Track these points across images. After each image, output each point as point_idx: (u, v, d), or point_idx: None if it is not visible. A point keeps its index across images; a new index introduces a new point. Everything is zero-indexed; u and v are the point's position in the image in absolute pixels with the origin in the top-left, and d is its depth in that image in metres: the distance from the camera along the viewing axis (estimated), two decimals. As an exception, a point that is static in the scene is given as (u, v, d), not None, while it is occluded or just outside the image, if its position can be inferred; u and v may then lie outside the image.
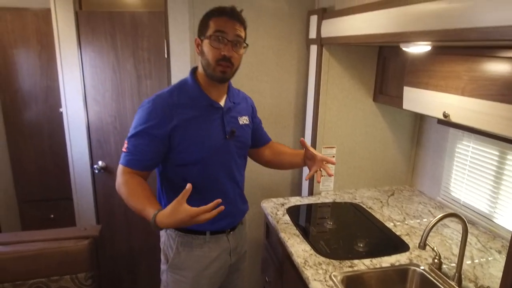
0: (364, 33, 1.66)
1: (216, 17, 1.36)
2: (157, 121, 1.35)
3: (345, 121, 2.26)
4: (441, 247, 1.69)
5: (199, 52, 1.41)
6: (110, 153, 2.56)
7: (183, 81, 1.48)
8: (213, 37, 1.34)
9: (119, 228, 2.69)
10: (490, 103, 1.36)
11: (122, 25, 2.34)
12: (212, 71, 1.37)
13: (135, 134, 1.38)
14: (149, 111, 1.37)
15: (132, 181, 1.34)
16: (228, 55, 1.34)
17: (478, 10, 1.06)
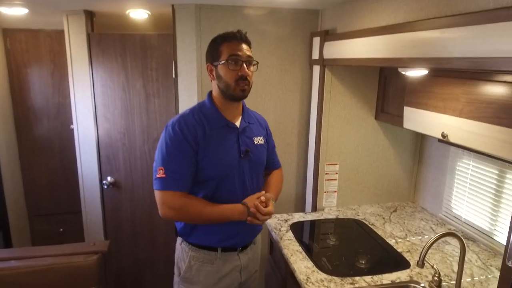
0: (364, 57, 1.73)
1: (228, 42, 1.46)
2: (187, 139, 1.43)
3: (347, 138, 2.31)
4: (441, 264, 1.72)
5: (214, 77, 1.50)
6: (119, 169, 2.64)
7: (202, 103, 1.57)
8: (229, 61, 1.44)
9: (126, 241, 2.75)
10: (487, 125, 1.41)
11: (132, 46, 2.43)
12: (232, 91, 1.46)
13: (171, 158, 1.43)
14: (178, 132, 1.44)
15: (195, 200, 1.47)
16: (245, 74, 1.45)
17: (469, 42, 1.12)
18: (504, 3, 1.02)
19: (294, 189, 2.62)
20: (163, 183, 1.43)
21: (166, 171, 1.42)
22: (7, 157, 2.88)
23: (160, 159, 1.45)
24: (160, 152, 1.47)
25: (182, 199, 1.44)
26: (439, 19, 1.26)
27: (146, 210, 2.69)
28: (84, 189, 2.73)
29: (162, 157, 1.45)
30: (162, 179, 1.43)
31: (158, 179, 1.44)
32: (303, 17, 2.34)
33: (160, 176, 1.43)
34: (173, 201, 1.43)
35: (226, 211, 1.48)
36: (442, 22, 1.24)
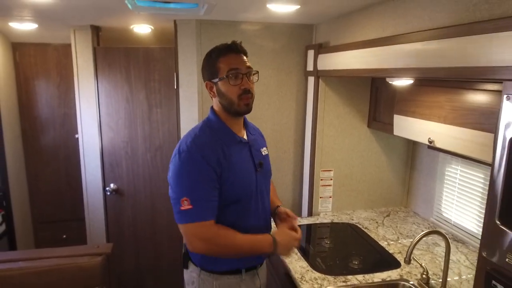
0: (355, 68, 1.85)
1: (224, 56, 1.37)
2: (209, 163, 1.30)
3: (341, 146, 2.41)
4: (431, 264, 1.80)
5: (215, 94, 1.41)
6: (122, 176, 2.73)
7: (208, 121, 1.45)
8: (230, 76, 1.35)
9: (128, 247, 2.82)
10: (469, 131, 1.52)
11: (136, 59, 2.56)
12: (237, 106, 1.37)
13: (195, 185, 1.30)
14: (196, 156, 1.30)
15: (225, 230, 1.34)
16: (248, 88, 1.37)
17: (446, 53, 1.23)
18: (476, 18, 1.13)
19: (291, 194, 2.71)
20: (191, 215, 1.29)
21: (192, 201, 1.28)
22: (13, 165, 2.97)
23: (181, 189, 1.31)
24: (179, 181, 1.32)
25: (213, 229, 1.32)
26: (421, 32, 1.37)
27: (148, 216, 2.78)
28: (88, 196, 2.82)
29: (184, 187, 1.31)
30: (188, 210, 1.29)
31: (184, 211, 1.29)
32: (298, 31, 2.47)
33: (185, 208, 1.29)
34: (205, 232, 1.31)
35: (257, 242, 1.38)
36: (424, 36, 1.35)
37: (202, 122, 1.47)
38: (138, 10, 1.98)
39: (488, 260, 1.04)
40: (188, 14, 2.16)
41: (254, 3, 1.81)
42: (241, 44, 1.43)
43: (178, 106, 2.55)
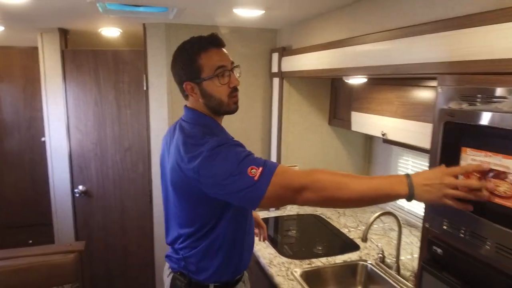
0: (315, 68, 2.01)
1: (205, 52, 1.22)
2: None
3: (305, 143, 2.57)
4: (387, 245, 1.98)
5: (199, 96, 1.25)
6: (91, 178, 2.74)
7: (201, 124, 1.27)
8: (218, 76, 1.22)
9: (98, 250, 2.83)
10: (415, 123, 1.71)
11: (104, 61, 2.60)
12: (226, 107, 1.26)
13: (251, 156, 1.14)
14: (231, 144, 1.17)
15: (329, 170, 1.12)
16: (237, 84, 1.27)
17: (391, 53, 1.40)
18: (415, 22, 1.32)
19: (259, 191, 2.83)
20: (268, 171, 1.08)
21: (260, 164, 1.09)
22: (-24, 170, 2.91)
23: (242, 166, 1.09)
24: (233, 163, 1.10)
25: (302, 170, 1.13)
26: (371, 35, 1.55)
27: (117, 217, 2.80)
28: (56, 199, 2.81)
29: (241, 163, 1.09)
30: (264, 172, 1.07)
31: (260, 178, 1.07)
32: (263, 35, 2.62)
33: (258, 172, 1.07)
34: (293, 173, 1.11)
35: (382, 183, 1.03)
36: (373, 38, 1.52)
37: (191, 126, 1.26)
38: (108, 13, 2.04)
39: (430, 229, 1.21)
40: (158, 17, 2.25)
41: (222, 8, 1.94)
42: (217, 35, 1.27)
43: (148, 107, 2.61)
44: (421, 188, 0.98)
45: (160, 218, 2.66)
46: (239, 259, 1.35)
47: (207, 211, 1.26)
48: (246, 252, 1.38)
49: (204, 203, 1.23)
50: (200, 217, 1.27)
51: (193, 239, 1.29)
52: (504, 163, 0.92)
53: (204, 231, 1.27)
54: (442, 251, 1.16)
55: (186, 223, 1.30)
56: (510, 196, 0.91)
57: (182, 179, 1.22)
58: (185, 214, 1.30)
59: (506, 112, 0.90)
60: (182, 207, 1.30)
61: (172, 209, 1.36)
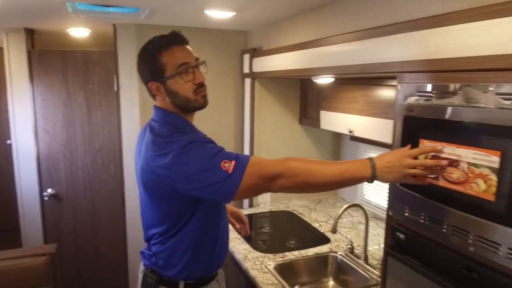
0: (285, 69, 2.08)
1: (167, 50, 1.22)
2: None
3: (277, 141, 2.65)
4: (356, 238, 2.08)
5: (164, 95, 1.25)
6: (60, 181, 2.69)
7: (170, 123, 1.27)
8: (182, 73, 1.22)
9: (69, 253, 2.76)
10: (378, 120, 1.81)
11: (73, 62, 2.56)
12: (194, 102, 1.26)
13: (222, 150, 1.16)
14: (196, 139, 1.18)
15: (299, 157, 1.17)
16: (202, 81, 1.27)
17: (356, 53, 1.49)
18: (378, 24, 1.41)
19: (233, 190, 2.87)
20: (241, 164, 1.11)
21: (232, 158, 1.12)
22: None
23: (214, 161, 1.11)
24: (206, 159, 1.12)
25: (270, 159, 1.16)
26: (337, 36, 1.63)
27: (88, 219, 2.76)
28: (23, 203, 2.73)
29: (213, 158, 1.12)
30: (237, 165, 1.10)
31: (234, 170, 1.10)
32: (234, 36, 2.67)
33: (231, 166, 1.10)
34: (267, 162, 1.14)
35: (349, 168, 1.10)
36: (339, 39, 1.61)
37: (160, 126, 1.26)
38: (78, 14, 2.03)
39: (393, 217, 1.30)
40: (129, 18, 2.25)
41: (193, 9, 1.97)
42: (180, 32, 1.29)
43: (119, 108, 2.59)
44: (383, 170, 1.07)
45: (133, 219, 2.64)
46: (210, 257, 1.36)
47: (178, 210, 1.26)
48: (219, 251, 1.39)
49: (175, 202, 1.24)
50: (171, 215, 1.28)
51: (164, 237, 1.30)
52: (456, 152, 1.02)
53: (175, 229, 1.28)
54: (404, 236, 1.25)
55: (158, 221, 1.31)
56: (462, 181, 1.01)
57: (152, 179, 1.23)
58: (157, 213, 1.31)
59: (457, 105, 1.00)
60: (153, 206, 1.31)
61: (145, 208, 1.37)
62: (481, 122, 0.94)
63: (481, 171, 0.95)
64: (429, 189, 1.11)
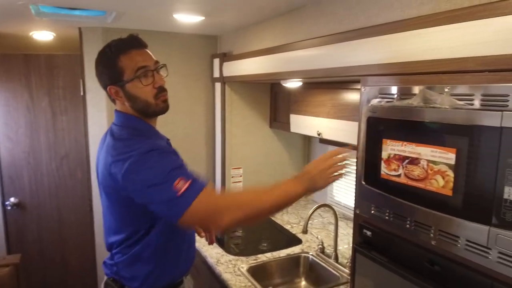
0: (254, 73, 2.11)
1: (125, 54, 1.20)
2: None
3: (248, 145, 2.66)
4: (326, 238, 2.12)
5: (124, 99, 1.23)
6: (23, 189, 2.58)
7: (130, 127, 1.25)
8: (140, 76, 1.19)
9: (34, 264, 2.65)
10: (344, 122, 1.87)
11: (37, 66, 2.48)
12: (155, 107, 1.23)
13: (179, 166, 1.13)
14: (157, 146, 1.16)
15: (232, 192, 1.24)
16: (162, 85, 1.24)
17: (322, 57, 1.54)
18: (341, 30, 1.46)
19: (205, 195, 2.86)
20: (193, 191, 1.08)
21: (187, 178, 1.09)
22: None
23: (168, 178, 1.08)
24: (159, 171, 1.09)
25: (223, 194, 1.20)
26: (304, 41, 1.68)
27: (54, 228, 2.66)
28: (-17, 214, 2.59)
29: (168, 173, 1.08)
30: (188, 190, 1.07)
31: (183, 194, 1.06)
32: (204, 41, 2.67)
33: (184, 188, 1.06)
34: (219, 196, 1.17)
35: (281, 184, 1.20)
36: (305, 44, 1.65)
37: (120, 129, 1.25)
38: (42, 16, 1.97)
39: (360, 215, 1.35)
40: (95, 21, 2.20)
41: (162, 13, 1.96)
42: (138, 36, 1.27)
43: (86, 113, 2.53)
44: (312, 181, 1.21)
45: (101, 226, 2.55)
46: (173, 268, 1.33)
47: (138, 218, 1.23)
48: (183, 262, 1.37)
49: (135, 209, 1.19)
50: (131, 223, 1.25)
51: (125, 245, 1.27)
52: (416, 150, 1.07)
53: (135, 237, 1.25)
54: (371, 233, 1.30)
55: (118, 229, 1.28)
56: (423, 178, 1.06)
57: (111, 185, 1.19)
58: (117, 220, 1.29)
59: (416, 106, 1.05)
60: (114, 213, 1.29)
61: (106, 215, 1.34)
62: (438, 121, 1.00)
63: (439, 168, 1.00)
64: (393, 186, 1.15)
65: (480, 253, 0.91)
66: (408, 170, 1.10)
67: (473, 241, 0.92)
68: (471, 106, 0.92)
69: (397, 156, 1.13)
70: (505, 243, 0.85)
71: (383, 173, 1.20)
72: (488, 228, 0.88)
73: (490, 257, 0.89)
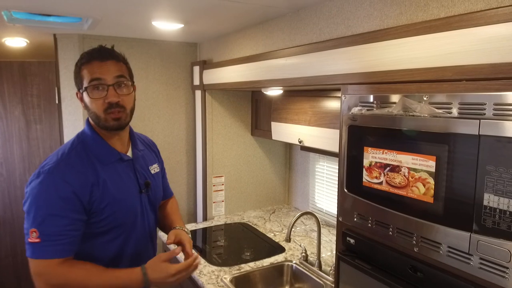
0: (235, 81, 2.10)
1: (86, 64, 1.21)
2: (74, 191, 1.15)
3: (229, 153, 2.64)
4: (309, 245, 2.12)
5: (84, 106, 1.25)
6: (-5, 202, 2.48)
7: (82, 135, 1.28)
8: (90, 88, 1.18)
9: (6, 278, 2.54)
10: (325, 130, 1.88)
11: (9, 74, 2.40)
12: (104, 122, 1.22)
13: (48, 218, 1.12)
14: (59, 182, 1.14)
15: (79, 268, 1.16)
16: (115, 101, 1.20)
17: (302, 65, 1.55)
18: (321, 39, 1.47)
19: (186, 203, 2.82)
20: (38, 250, 1.11)
21: (41, 235, 1.11)
22: None
23: (32, 218, 1.12)
24: (33, 208, 1.13)
25: (61, 270, 1.13)
26: (284, 50, 1.68)
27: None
28: (-50, 229, 2.47)
29: (34, 216, 1.12)
30: (35, 244, 1.11)
31: (31, 244, 1.11)
32: (184, 48, 2.65)
33: (33, 240, 1.11)
34: (50, 273, 1.13)
35: (120, 280, 1.18)
36: (286, 53, 1.66)
37: (75, 136, 1.29)
38: (14, 22, 1.90)
39: (343, 223, 1.35)
40: (71, 28, 2.15)
41: (140, 20, 1.93)
42: (112, 48, 1.27)
43: (61, 121, 2.45)
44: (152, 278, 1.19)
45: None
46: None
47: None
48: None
49: None
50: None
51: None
52: (397, 158, 1.08)
53: (80, 256, 1.21)
54: (354, 241, 1.30)
55: None
56: (404, 186, 1.07)
57: None
58: None
59: (396, 115, 1.07)
60: None
61: None
62: (418, 129, 1.01)
63: (420, 175, 1.01)
64: (375, 194, 1.16)
65: (462, 259, 0.92)
66: (389, 177, 1.11)
67: (454, 248, 0.93)
68: (450, 114, 0.93)
69: (378, 164, 1.14)
70: (486, 249, 0.86)
71: (365, 180, 1.20)
72: (469, 235, 0.89)
73: (472, 263, 0.90)
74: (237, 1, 1.52)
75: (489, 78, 0.86)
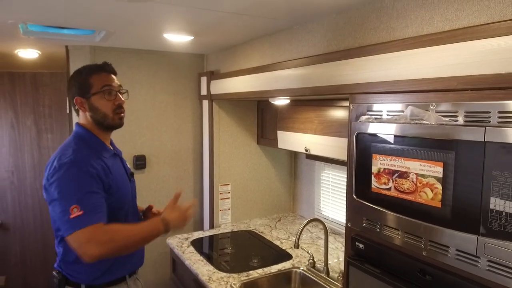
0: (242, 91, 2.15)
1: (96, 74, 1.47)
2: (95, 175, 1.36)
3: (236, 161, 2.68)
4: (316, 252, 2.14)
5: (86, 109, 1.47)
6: (6, 209, 2.51)
7: (80, 136, 1.49)
8: (105, 92, 1.46)
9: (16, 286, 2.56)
10: (332, 138, 1.92)
11: (22, 84, 2.46)
12: (111, 120, 1.48)
13: (84, 194, 1.32)
14: (83, 168, 1.34)
15: (116, 226, 1.38)
16: (122, 103, 1.51)
17: (310, 76, 1.60)
18: (329, 50, 1.52)
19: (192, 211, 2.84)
20: (83, 220, 1.28)
21: (82, 208, 1.29)
22: None
23: (70, 198, 1.30)
24: (67, 191, 1.32)
25: (106, 228, 1.33)
26: (292, 61, 1.73)
27: (39, 249, 2.58)
28: (-39, 237, 2.50)
29: (72, 196, 1.31)
30: (79, 217, 1.28)
31: (74, 219, 1.28)
32: (191, 59, 2.71)
33: (76, 215, 1.28)
34: (100, 234, 1.30)
35: (148, 227, 1.45)
36: (293, 63, 1.71)
37: (71, 137, 1.49)
38: (29, 35, 1.97)
39: (352, 228, 1.38)
40: (83, 40, 2.21)
41: (152, 33, 1.99)
42: (111, 66, 1.56)
43: (71, 130, 2.50)
44: (172, 223, 1.46)
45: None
46: (109, 265, 1.46)
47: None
48: (124, 258, 1.50)
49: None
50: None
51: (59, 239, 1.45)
52: (405, 164, 1.12)
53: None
54: (363, 246, 1.33)
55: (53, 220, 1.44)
56: (412, 191, 1.11)
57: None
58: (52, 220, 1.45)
59: (403, 123, 1.11)
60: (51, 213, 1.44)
61: None
62: (425, 137, 1.05)
63: (428, 181, 1.05)
64: (384, 200, 1.20)
65: (470, 262, 0.95)
66: (398, 183, 1.15)
67: (462, 250, 0.97)
68: (456, 122, 0.98)
69: (387, 170, 1.18)
70: (493, 251, 0.90)
71: (373, 186, 1.24)
72: (477, 237, 0.93)
73: (480, 266, 0.93)
74: (246, 14, 1.58)
75: (493, 87, 0.91)
